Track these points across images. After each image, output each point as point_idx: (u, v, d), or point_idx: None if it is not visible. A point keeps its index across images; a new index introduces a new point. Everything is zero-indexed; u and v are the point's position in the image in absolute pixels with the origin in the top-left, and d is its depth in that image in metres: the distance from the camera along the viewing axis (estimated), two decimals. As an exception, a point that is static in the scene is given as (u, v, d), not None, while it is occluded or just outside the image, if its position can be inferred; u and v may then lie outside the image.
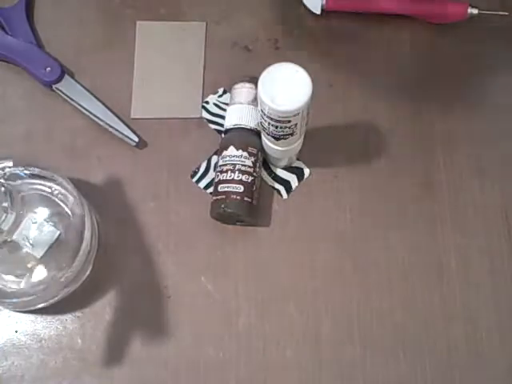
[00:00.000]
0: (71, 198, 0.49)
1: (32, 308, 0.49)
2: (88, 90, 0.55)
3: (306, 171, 0.54)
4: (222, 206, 0.50)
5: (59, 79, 0.55)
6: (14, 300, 0.48)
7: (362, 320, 0.51)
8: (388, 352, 0.50)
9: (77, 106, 0.55)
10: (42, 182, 0.49)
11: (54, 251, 0.47)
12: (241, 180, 0.50)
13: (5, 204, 0.42)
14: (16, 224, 0.44)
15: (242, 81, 0.53)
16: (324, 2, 0.58)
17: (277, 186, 0.54)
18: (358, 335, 0.51)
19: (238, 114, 0.52)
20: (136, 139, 0.54)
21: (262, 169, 0.54)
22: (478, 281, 0.52)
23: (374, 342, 0.50)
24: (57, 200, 0.49)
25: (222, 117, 0.55)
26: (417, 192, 0.54)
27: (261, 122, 0.47)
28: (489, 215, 0.54)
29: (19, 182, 0.48)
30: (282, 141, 0.48)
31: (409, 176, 0.55)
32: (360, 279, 0.52)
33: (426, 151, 0.55)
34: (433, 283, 0.52)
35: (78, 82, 0.56)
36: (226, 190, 0.50)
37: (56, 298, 0.49)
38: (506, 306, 0.51)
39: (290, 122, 0.45)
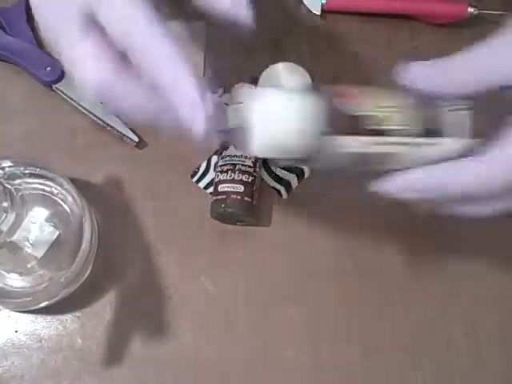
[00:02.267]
0: (71, 198, 0.49)
1: (32, 308, 0.49)
2: (88, 90, 0.55)
3: (306, 171, 0.54)
4: (222, 205, 0.50)
5: (59, 79, 0.55)
6: (14, 300, 0.48)
7: (362, 320, 0.51)
8: (388, 352, 0.50)
9: (77, 105, 0.55)
10: (42, 182, 0.49)
11: (54, 251, 0.47)
12: (241, 180, 0.50)
13: (5, 204, 0.42)
14: (16, 224, 0.44)
15: (242, 80, 0.53)
16: (324, 1, 0.58)
17: (277, 186, 0.54)
18: (358, 335, 0.51)
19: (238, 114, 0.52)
20: (136, 139, 0.54)
21: (262, 169, 0.54)
22: (478, 280, 0.52)
23: (373, 342, 0.50)
24: (57, 200, 0.49)
25: (222, 117, 0.55)
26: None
27: (261, 122, 0.47)
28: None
29: (19, 181, 0.48)
30: (282, 141, 0.48)
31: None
32: (360, 279, 0.52)
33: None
34: (433, 283, 0.52)
35: (78, 82, 0.55)
36: (226, 189, 0.50)
37: (56, 298, 0.49)
38: (506, 306, 0.51)
39: (290, 121, 0.45)
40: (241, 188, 0.50)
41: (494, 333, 0.51)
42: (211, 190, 0.53)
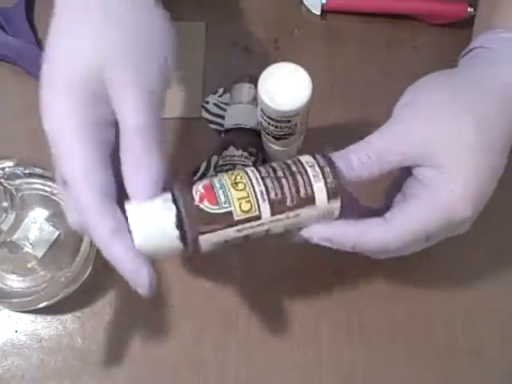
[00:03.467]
0: (71, 198, 0.49)
1: (32, 308, 0.49)
2: (88, 90, 0.55)
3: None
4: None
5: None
6: (14, 300, 0.48)
7: (362, 320, 0.51)
8: (388, 352, 0.50)
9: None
10: (42, 182, 0.49)
11: (54, 251, 0.47)
12: (241, 180, 0.50)
13: (5, 204, 0.42)
14: (16, 224, 0.44)
15: (242, 80, 0.53)
16: (324, 1, 0.58)
17: (277, 185, 0.54)
18: (358, 335, 0.50)
19: (238, 114, 0.52)
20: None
21: (262, 169, 0.54)
22: (478, 280, 0.52)
23: (374, 342, 0.50)
24: (57, 200, 0.49)
25: (222, 117, 0.55)
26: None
27: (261, 122, 0.47)
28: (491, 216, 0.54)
29: (19, 181, 0.48)
30: (282, 141, 0.48)
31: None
32: (361, 278, 0.52)
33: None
34: (433, 282, 0.52)
35: (78, 82, 0.55)
36: (226, 189, 0.50)
37: (56, 298, 0.49)
38: (506, 306, 0.51)
39: (290, 121, 0.45)
40: (241, 188, 0.50)
41: (494, 333, 0.51)
42: (211, 189, 0.53)
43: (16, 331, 0.50)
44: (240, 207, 0.37)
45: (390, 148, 0.40)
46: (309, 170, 0.38)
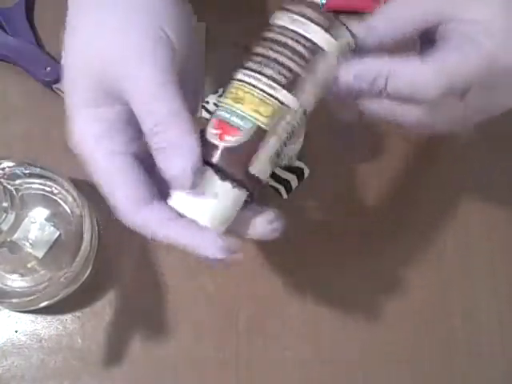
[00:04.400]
0: (71, 198, 0.49)
1: (32, 308, 0.49)
2: (88, 90, 0.55)
3: (306, 171, 0.54)
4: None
5: (59, 79, 0.55)
6: (14, 300, 0.48)
7: (362, 320, 0.51)
8: (388, 352, 0.50)
9: (77, 105, 0.55)
10: (42, 182, 0.49)
11: (54, 251, 0.47)
12: (241, 180, 0.50)
13: (5, 204, 0.42)
14: (16, 224, 0.44)
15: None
16: (324, 1, 0.58)
17: (277, 185, 0.54)
18: (358, 335, 0.50)
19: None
20: (136, 139, 0.54)
21: (262, 169, 0.54)
22: (478, 280, 0.52)
23: (373, 343, 0.50)
24: (57, 200, 0.49)
25: (222, 117, 0.55)
26: (420, 184, 0.54)
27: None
28: (491, 214, 0.54)
29: (19, 181, 0.48)
30: (282, 140, 0.48)
31: (410, 171, 0.54)
32: (360, 278, 0.52)
33: (428, 146, 0.55)
34: (432, 282, 0.52)
35: (78, 82, 0.55)
36: (226, 190, 0.50)
37: (56, 298, 0.49)
38: (506, 306, 0.51)
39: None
40: (241, 188, 0.50)
41: (494, 333, 0.51)
42: (211, 189, 0.52)
43: (16, 331, 0.50)
44: (262, 115, 0.33)
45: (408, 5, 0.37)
46: (289, 26, 0.35)
